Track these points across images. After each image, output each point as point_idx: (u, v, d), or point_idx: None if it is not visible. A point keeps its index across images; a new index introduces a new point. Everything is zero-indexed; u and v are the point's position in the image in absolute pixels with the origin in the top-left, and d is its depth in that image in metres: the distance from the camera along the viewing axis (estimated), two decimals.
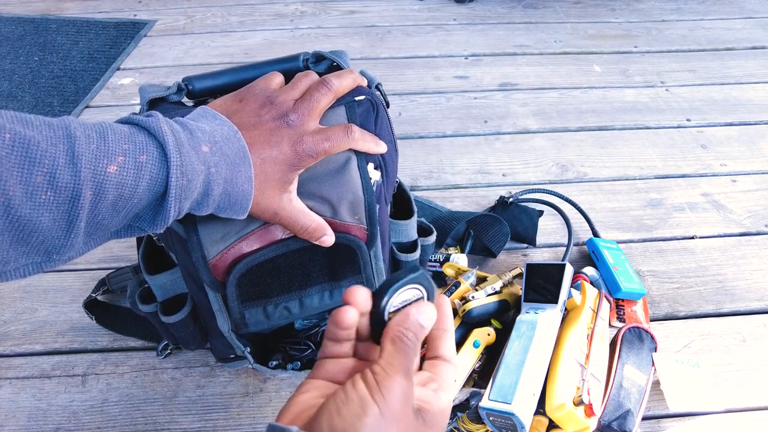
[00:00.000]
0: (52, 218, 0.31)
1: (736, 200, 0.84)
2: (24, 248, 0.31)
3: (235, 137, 0.38)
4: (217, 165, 0.37)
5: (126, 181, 0.32)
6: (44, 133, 0.30)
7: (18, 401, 0.60)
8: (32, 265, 0.33)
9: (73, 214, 0.31)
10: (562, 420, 0.50)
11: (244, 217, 0.40)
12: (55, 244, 0.32)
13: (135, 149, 0.33)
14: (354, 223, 0.47)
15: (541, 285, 0.61)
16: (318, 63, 0.51)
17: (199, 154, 0.36)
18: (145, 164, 0.33)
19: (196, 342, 0.57)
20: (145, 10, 1.37)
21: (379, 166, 0.47)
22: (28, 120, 0.30)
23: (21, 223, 0.30)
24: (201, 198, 0.37)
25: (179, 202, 0.35)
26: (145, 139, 0.34)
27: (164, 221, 0.36)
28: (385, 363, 0.30)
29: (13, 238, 0.30)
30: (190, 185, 0.35)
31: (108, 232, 0.36)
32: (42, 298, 0.70)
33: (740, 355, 0.64)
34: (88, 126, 0.33)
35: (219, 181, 0.37)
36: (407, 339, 0.31)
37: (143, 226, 0.37)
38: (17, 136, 0.29)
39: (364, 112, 0.46)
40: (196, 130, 0.37)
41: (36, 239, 0.31)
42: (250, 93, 0.43)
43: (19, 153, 0.29)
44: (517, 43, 1.23)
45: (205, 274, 0.45)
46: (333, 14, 1.35)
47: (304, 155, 0.41)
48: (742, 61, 1.16)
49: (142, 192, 0.34)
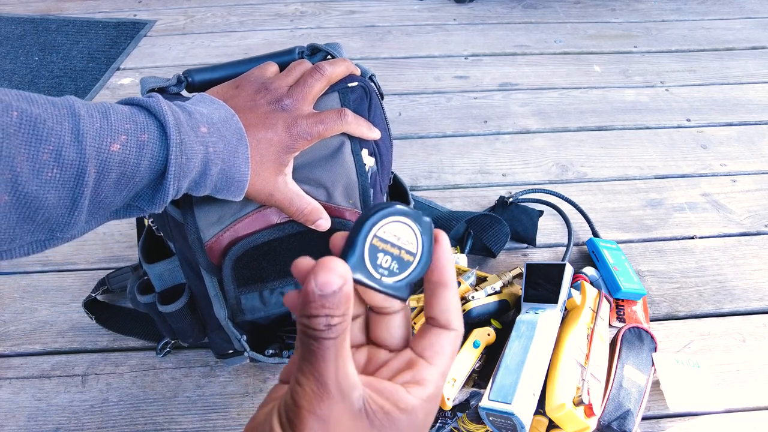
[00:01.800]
0: (58, 195, 0.31)
1: (736, 200, 0.84)
2: (29, 226, 0.31)
3: (232, 119, 0.39)
4: (215, 145, 0.37)
5: (129, 160, 0.33)
6: (49, 111, 0.31)
7: (18, 401, 0.60)
8: (36, 243, 0.33)
9: (77, 192, 0.32)
10: (562, 420, 0.50)
11: (241, 198, 0.41)
12: (59, 221, 0.32)
13: (137, 128, 0.34)
14: (349, 207, 0.47)
15: (541, 285, 0.61)
16: (313, 55, 0.52)
17: (198, 134, 0.36)
18: (147, 143, 0.34)
19: (194, 334, 0.58)
20: (145, 10, 1.37)
21: (374, 153, 0.48)
22: (33, 98, 0.31)
23: (28, 200, 0.30)
24: (199, 177, 0.37)
25: (178, 180, 0.35)
26: (146, 119, 0.34)
27: (163, 200, 0.36)
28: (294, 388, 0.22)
29: (19, 216, 0.30)
30: (189, 164, 0.35)
31: (109, 211, 0.36)
32: (42, 298, 0.70)
33: (740, 355, 0.64)
34: (90, 105, 0.33)
35: (217, 161, 0.37)
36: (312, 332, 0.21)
37: (142, 206, 0.37)
38: (24, 114, 0.29)
39: (357, 98, 0.47)
40: (195, 112, 0.37)
41: (41, 216, 0.31)
42: (246, 80, 0.45)
43: (26, 131, 0.29)
44: (517, 43, 1.23)
45: (201, 256, 0.45)
46: (333, 14, 1.35)
47: (299, 137, 0.42)
48: (742, 61, 1.16)
49: (144, 170, 0.34)
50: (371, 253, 0.25)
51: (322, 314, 0.21)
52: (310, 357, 0.22)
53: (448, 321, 0.26)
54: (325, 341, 0.21)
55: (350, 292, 0.22)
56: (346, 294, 0.21)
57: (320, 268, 0.21)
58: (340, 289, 0.21)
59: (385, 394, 0.23)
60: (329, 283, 0.21)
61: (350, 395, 0.22)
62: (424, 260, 0.26)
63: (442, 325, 0.26)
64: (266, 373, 0.62)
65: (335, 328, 0.21)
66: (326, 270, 0.21)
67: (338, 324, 0.21)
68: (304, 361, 0.22)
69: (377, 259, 0.25)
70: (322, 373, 0.21)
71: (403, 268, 0.26)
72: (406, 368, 0.25)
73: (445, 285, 0.26)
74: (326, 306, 0.21)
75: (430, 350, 0.26)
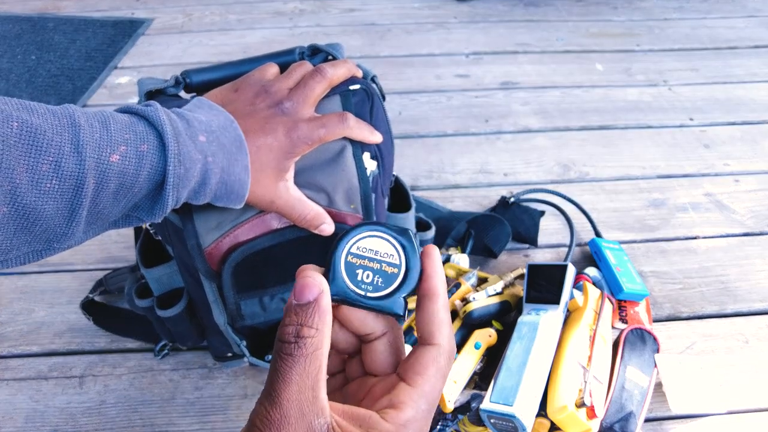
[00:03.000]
0: (56, 206, 0.31)
1: (739, 200, 0.83)
2: (27, 236, 0.31)
3: (231, 126, 0.38)
4: (214, 154, 0.37)
5: (128, 171, 0.33)
6: (49, 121, 0.30)
7: (15, 403, 0.59)
8: (33, 253, 0.33)
9: (76, 203, 0.31)
10: (564, 422, 0.49)
11: (241, 205, 0.41)
12: (57, 232, 0.32)
13: (136, 139, 0.33)
14: (350, 212, 0.46)
15: (542, 286, 0.60)
16: (314, 56, 0.51)
17: (197, 143, 0.36)
18: (146, 153, 0.33)
19: (193, 338, 0.57)
20: (142, 9, 1.36)
21: (376, 156, 0.47)
22: (33, 108, 0.30)
23: (26, 211, 0.30)
24: (198, 187, 0.37)
25: (177, 191, 0.35)
26: (145, 129, 0.34)
27: (162, 210, 0.36)
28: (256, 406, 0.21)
29: (17, 226, 0.30)
30: (188, 174, 0.35)
31: (107, 222, 0.36)
32: (39, 299, 0.70)
33: (743, 356, 0.63)
34: (90, 115, 0.33)
35: (216, 170, 0.37)
36: (280, 345, 0.21)
37: (141, 216, 0.37)
38: (24, 125, 0.29)
39: (359, 101, 0.46)
40: (193, 120, 0.37)
41: (39, 227, 0.31)
42: (245, 83, 0.44)
43: (26, 141, 0.29)
44: (519, 41, 1.22)
45: (200, 262, 0.45)
46: (332, 12, 1.34)
47: (299, 142, 0.41)
48: (744, 60, 1.15)
49: (143, 181, 0.34)
50: (349, 271, 0.25)
51: (294, 323, 0.21)
52: (273, 375, 0.21)
53: (430, 335, 0.25)
54: (289, 358, 0.21)
55: (326, 305, 0.22)
56: (321, 307, 0.21)
57: (299, 278, 0.21)
58: (315, 300, 0.21)
59: (359, 422, 0.23)
60: (305, 294, 0.21)
61: (311, 421, 0.21)
62: (412, 270, 0.25)
63: (424, 339, 0.25)
64: (265, 376, 0.62)
65: (304, 343, 0.21)
66: (303, 280, 0.22)
67: (308, 338, 0.21)
68: (267, 380, 0.22)
69: (357, 276, 0.25)
70: (279, 394, 0.21)
71: (389, 282, 0.25)
72: (386, 392, 0.24)
73: (429, 296, 0.25)
74: (299, 314, 0.21)
75: (411, 370, 0.24)
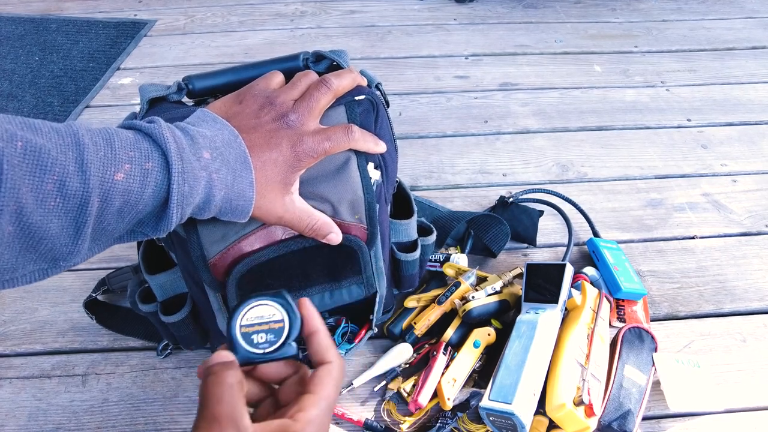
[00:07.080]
0: (61, 225, 0.31)
1: (736, 200, 0.84)
2: (32, 255, 0.31)
3: (236, 142, 0.38)
4: (219, 171, 0.37)
5: (132, 189, 0.33)
6: (54, 141, 0.30)
7: (18, 401, 0.60)
8: (38, 272, 0.33)
9: (80, 221, 0.31)
10: (563, 420, 0.50)
11: (246, 220, 0.41)
12: (62, 251, 0.32)
13: (141, 156, 0.33)
14: (354, 222, 0.47)
15: (541, 285, 0.61)
16: (318, 62, 0.51)
17: (201, 160, 0.36)
18: (150, 171, 0.33)
19: (197, 342, 0.57)
20: (145, 10, 1.37)
21: (379, 165, 0.47)
22: (37, 126, 0.30)
23: (31, 230, 0.30)
24: (203, 204, 0.37)
25: (181, 208, 0.35)
26: (150, 146, 0.34)
27: (167, 227, 0.36)
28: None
29: (23, 245, 0.30)
30: (192, 191, 0.35)
31: (112, 238, 0.36)
32: (42, 297, 0.70)
33: (741, 355, 0.64)
34: (94, 132, 0.33)
35: (220, 186, 0.37)
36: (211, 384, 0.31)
37: (146, 231, 0.37)
38: (29, 144, 0.29)
39: (364, 111, 0.46)
40: (198, 136, 0.37)
41: (44, 246, 0.31)
42: (249, 94, 0.43)
43: (30, 161, 0.29)
44: (518, 42, 1.23)
45: (204, 273, 0.45)
46: (333, 14, 1.35)
47: (304, 156, 0.41)
48: (742, 61, 1.15)
49: (147, 199, 0.34)
50: (246, 339, 0.33)
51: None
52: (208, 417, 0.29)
53: (323, 357, 0.34)
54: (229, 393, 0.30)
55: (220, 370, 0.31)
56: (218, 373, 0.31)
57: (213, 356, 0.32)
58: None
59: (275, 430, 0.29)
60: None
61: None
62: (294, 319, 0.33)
63: (319, 362, 0.33)
64: None
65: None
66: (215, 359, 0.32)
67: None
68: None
69: (253, 340, 0.33)
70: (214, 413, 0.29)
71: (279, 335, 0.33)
72: (294, 404, 0.31)
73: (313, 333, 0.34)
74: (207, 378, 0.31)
75: (311, 383, 0.32)
